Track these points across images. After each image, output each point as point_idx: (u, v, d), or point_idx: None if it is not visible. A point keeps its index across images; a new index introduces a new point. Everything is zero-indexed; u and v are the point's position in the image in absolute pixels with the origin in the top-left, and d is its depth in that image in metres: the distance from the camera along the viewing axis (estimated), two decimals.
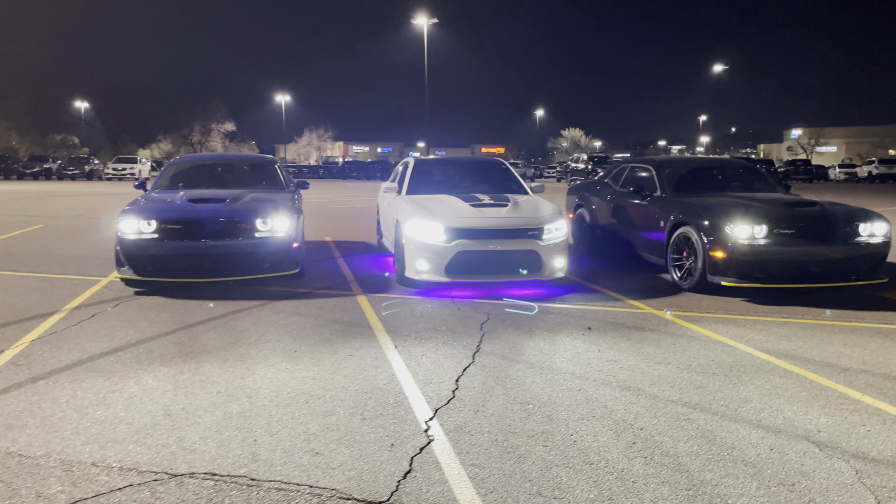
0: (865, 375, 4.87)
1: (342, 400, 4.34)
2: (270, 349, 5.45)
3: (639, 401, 4.36)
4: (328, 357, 5.24)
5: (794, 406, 4.28)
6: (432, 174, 9.44)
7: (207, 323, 6.27)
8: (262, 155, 10.43)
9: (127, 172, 43.45)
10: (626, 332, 6.03)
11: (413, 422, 4.00)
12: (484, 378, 4.77)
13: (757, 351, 5.45)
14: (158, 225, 7.49)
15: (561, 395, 4.45)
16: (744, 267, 7.14)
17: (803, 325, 6.27)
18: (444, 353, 5.35)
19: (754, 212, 7.27)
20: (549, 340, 5.75)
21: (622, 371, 4.95)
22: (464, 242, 7.35)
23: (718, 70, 73.11)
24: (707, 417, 4.08)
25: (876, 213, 7.56)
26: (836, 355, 5.35)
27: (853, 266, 7.40)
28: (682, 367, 5.03)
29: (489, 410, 4.18)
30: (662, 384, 4.67)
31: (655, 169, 9.12)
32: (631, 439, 3.76)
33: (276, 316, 6.54)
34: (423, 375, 4.82)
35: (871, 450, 3.63)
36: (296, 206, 8.30)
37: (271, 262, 7.74)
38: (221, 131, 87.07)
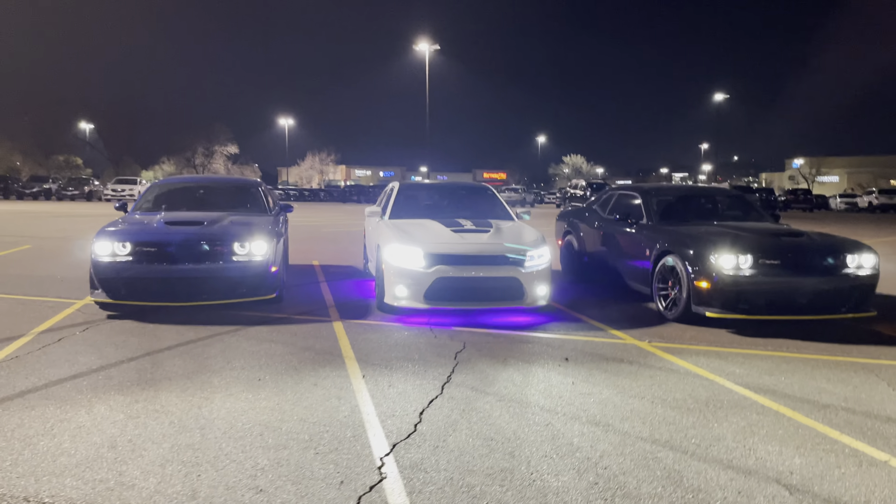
0: (846, 413, 4.70)
1: (298, 433, 4.17)
2: (234, 377, 5.28)
3: (607, 437, 4.18)
4: (292, 387, 5.07)
5: (768, 445, 4.10)
6: (417, 199, 9.32)
7: (175, 349, 6.10)
8: (245, 178, 10.34)
9: (126, 194, 43.45)
10: (603, 363, 5.86)
11: (368, 458, 3.83)
12: (450, 411, 4.60)
13: (736, 385, 5.27)
14: (133, 247, 7.35)
15: (527, 430, 4.28)
16: (728, 297, 6.98)
17: (787, 359, 6.10)
18: (413, 384, 5.18)
19: (740, 241, 7.13)
20: (523, 371, 5.58)
21: (594, 405, 4.77)
22: (443, 268, 7.20)
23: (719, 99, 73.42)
24: (676, 456, 3.90)
25: (864, 245, 7.42)
26: (817, 391, 5.18)
27: (841, 298, 7.23)
28: (656, 402, 4.85)
29: (450, 446, 4.01)
30: (634, 420, 4.49)
31: (642, 196, 8.99)
32: (593, 479, 3.58)
33: (247, 342, 6.38)
34: (386, 407, 4.65)
35: (844, 494, 3.45)
36: (276, 229, 8.16)
37: (248, 286, 7.59)
38: (224, 154, 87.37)
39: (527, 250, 7.42)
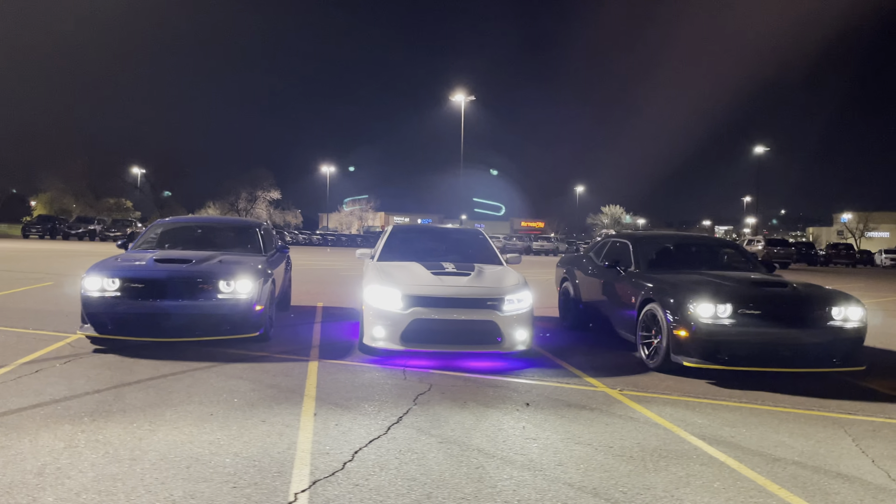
0: (795, 468, 4.54)
1: (226, 467, 4.20)
2: (187, 412, 5.34)
3: (534, 482, 4.11)
4: (239, 422, 5.11)
5: (697, 496, 3.98)
6: (408, 241, 9.41)
7: (144, 382, 6.21)
8: (246, 219, 10.56)
9: None
10: (565, 409, 5.78)
11: (283, 493, 3.83)
12: (386, 451, 4.58)
13: (691, 436, 5.15)
14: (121, 283, 7.55)
15: (456, 472, 4.23)
16: (707, 347, 6.84)
17: (757, 412, 5.93)
18: (361, 424, 5.17)
19: (719, 290, 7.01)
20: (477, 415, 5.53)
21: (536, 450, 4.71)
22: (420, 310, 7.22)
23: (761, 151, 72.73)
24: (596, 503, 3.82)
25: (850, 297, 7.23)
26: (775, 444, 5.02)
27: (827, 351, 7.03)
28: (601, 449, 4.76)
29: (371, 485, 3.99)
30: (569, 465, 4.42)
31: (632, 244, 8.94)
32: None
33: (217, 378, 6.45)
34: (324, 445, 4.65)
35: None
36: (265, 269, 8.30)
37: (232, 323, 7.71)
38: (267, 199, 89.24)
39: (505, 294, 7.40)
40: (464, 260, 8.72)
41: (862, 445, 5.07)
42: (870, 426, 5.60)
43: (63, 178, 79.32)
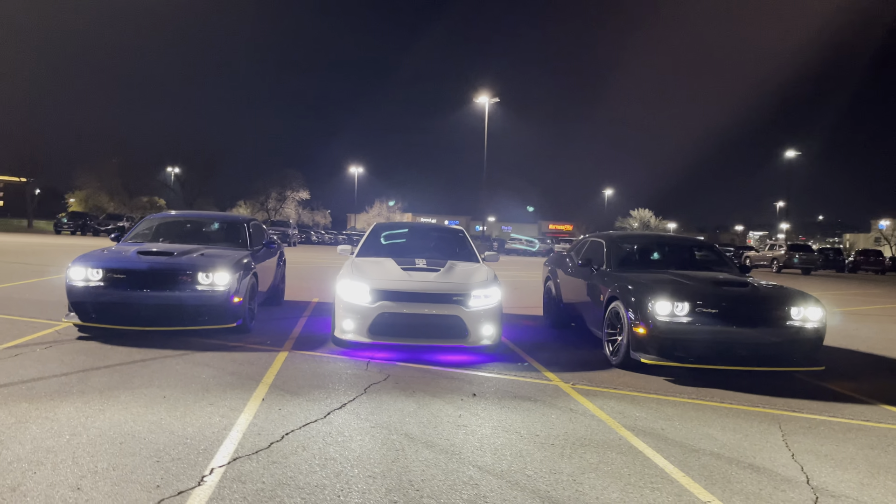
0: (710, 458, 4.66)
1: (158, 444, 4.44)
2: (143, 394, 5.61)
3: (446, 464, 4.29)
4: (188, 405, 5.36)
5: (599, 481, 4.14)
6: (389, 239, 9.63)
7: (113, 367, 6.50)
8: (235, 215, 10.86)
9: None
10: (509, 401, 5.94)
11: (201, 468, 4.06)
12: (315, 434, 4.80)
13: (622, 427, 5.28)
14: (104, 274, 7.87)
15: (374, 453, 4.43)
16: (663, 344, 6.95)
17: (702, 407, 6.03)
18: (304, 409, 5.39)
19: (678, 289, 7.11)
20: (421, 403, 5.72)
21: (462, 436, 4.88)
22: (387, 304, 7.43)
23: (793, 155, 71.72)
24: (497, 484, 3.99)
25: (810, 297, 7.27)
26: (702, 437, 5.14)
27: (785, 351, 7.09)
28: (526, 437, 4.92)
29: (287, 462, 4.21)
30: (487, 450, 4.59)
31: (606, 243, 9.06)
32: (396, 497, 3.71)
33: (184, 365, 6.73)
34: (260, 427, 4.88)
35: None
36: (246, 263, 8.57)
37: (209, 314, 7.99)
38: (296, 199, 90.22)
39: (471, 290, 7.57)
40: (442, 257, 8.90)
41: (789, 440, 5.15)
42: (807, 423, 5.67)
43: (98, 177, 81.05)
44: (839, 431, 5.46)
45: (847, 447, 5.06)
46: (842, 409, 6.18)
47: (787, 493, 4.08)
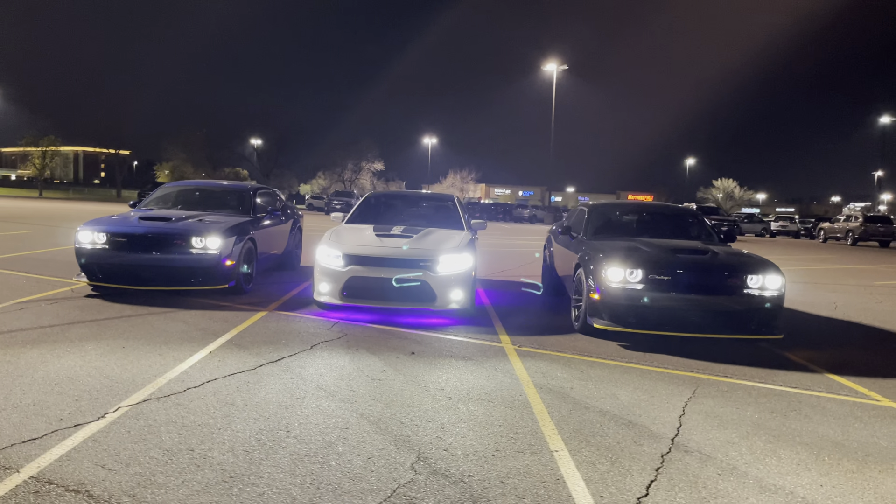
0: (594, 415, 4.86)
1: (87, 385, 4.99)
2: (106, 345, 6.21)
3: (331, 409, 4.66)
4: (139, 354, 5.92)
5: (466, 430, 4.42)
6: (379, 207, 10.01)
7: (98, 322, 7.16)
8: (243, 183, 11.44)
9: None
10: (442, 360, 6.24)
11: (110, 405, 4.57)
12: (233, 381, 5.25)
13: (531, 385, 5.52)
14: (108, 237, 8.59)
15: (273, 400, 4.83)
16: (616, 310, 7.09)
17: (633, 370, 6.18)
18: (241, 361, 5.86)
19: (631, 256, 7.20)
20: (355, 359, 6.09)
21: (365, 387, 5.23)
22: (357, 268, 7.83)
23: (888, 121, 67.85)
24: (367, 428, 4.33)
25: (769, 265, 7.22)
26: (604, 396, 5.32)
27: (742, 319, 7.10)
28: (428, 390, 5.23)
29: (189, 405, 4.66)
30: (380, 400, 4.92)
31: (588, 211, 9.16)
32: (264, 425, 4.11)
33: (162, 321, 7.32)
34: (188, 374, 5.37)
35: (473, 470, 3.77)
36: (241, 229, 9.13)
37: (202, 276, 8.61)
38: (371, 170, 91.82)
39: (439, 255, 7.86)
40: (428, 224, 9.21)
41: (693, 402, 5.27)
42: (727, 387, 5.75)
43: (184, 149, 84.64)
44: (755, 396, 5.52)
45: (747, 410, 5.14)
46: (778, 376, 6.19)
47: (642, 447, 4.25)
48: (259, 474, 3.59)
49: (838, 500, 3.62)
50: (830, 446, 4.45)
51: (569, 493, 3.55)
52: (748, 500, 3.56)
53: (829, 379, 6.21)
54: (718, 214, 37.99)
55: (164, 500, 3.26)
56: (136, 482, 3.43)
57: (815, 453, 4.31)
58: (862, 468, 4.09)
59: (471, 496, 3.46)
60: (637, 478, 3.78)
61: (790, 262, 21.10)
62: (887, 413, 5.24)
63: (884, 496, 3.69)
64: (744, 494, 3.63)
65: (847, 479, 3.90)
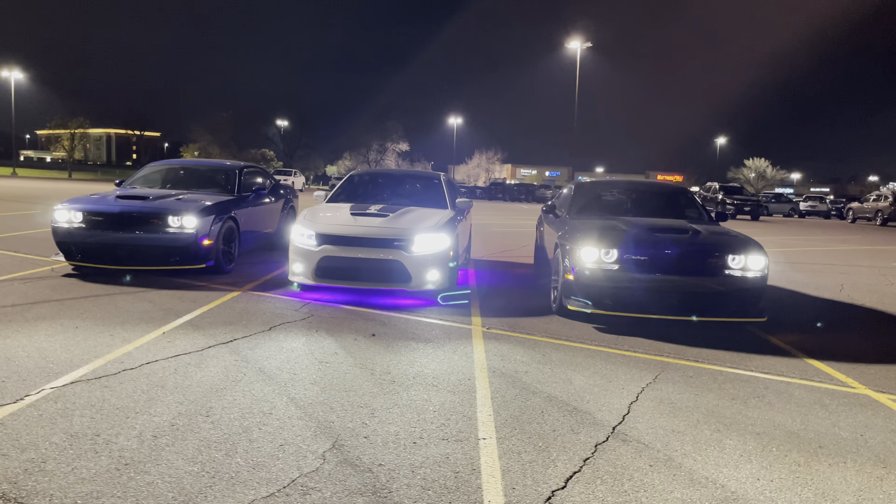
0: (540, 400, 4.64)
1: (22, 366, 4.88)
2: (60, 324, 6.11)
3: (265, 393, 4.49)
4: (88, 335, 5.81)
5: (397, 417, 4.22)
6: (362, 186, 9.79)
7: (64, 301, 7.08)
8: (226, 161, 11.29)
9: None
10: (401, 342, 6.05)
11: (34, 387, 4.44)
12: (174, 363, 5.11)
13: (484, 369, 5.30)
14: (84, 216, 8.50)
15: (202, 383, 4.67)
16: (590, 292, 6.82)
17: (598, 354, 5.92)
18: (191, 342, 5.72)
19: (607, 235, 6.91)
20: (311, 340, 5.93)
21: (307, 370, 5.06)
22: (329, 248, 7.64)
23: None
24: (293, 412, 4.16)
25: (753, 245, 6.88)
26: (557, 381, 5.09)
27: (722, 301, 6.80)
28: (374, 374, 5.05)
29: (117, 387, 4.52)
30: (319, 384, 4.75)
31: (574, 190, 8.86)
32: (185, 397, 3.96)
33: (129, 301, 7.22)
34: (130, 356, 5.24)
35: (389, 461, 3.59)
36: (220, 208, 8.99)
37: (179, 255, 8.50)
38: (396, 151, 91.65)
39: (413, 235, 7.64)
40: (411, 203, 8.99)
41: (649, 388, 5.01)
42: (692, 372, 5.48)
43: (210, 131, 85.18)
44: (720, 382, 5.25)
45: (707, 397, 4.88)
46: (752, 361, 5.89)
47: (578, 436, 4.02)
48: (157, 461, 3.42)
49: (771, 495, 3.36)
50: (783, 436, 4.17)
51: (479, 485, 3.33)
52: (672, 495, 3.32)
53: (808, 364, 5.90)
54: (742, 194, 37.11)
55: (45, 489, 3.10)
56: (24, 469, 3.28)
57: (764, 444, 4.03)
58: (810, 461, 3.81)
59: (373, 487, 3.26)
60: (560, 469, 3.56)
61: (808, 243, 20.55)
62: (858, 401, 4.93)
63: (824, 493, 3.41)
64: (669, 488, 3.38)
65: (790, 473, 3.63)
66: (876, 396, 5.05)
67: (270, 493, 3.17)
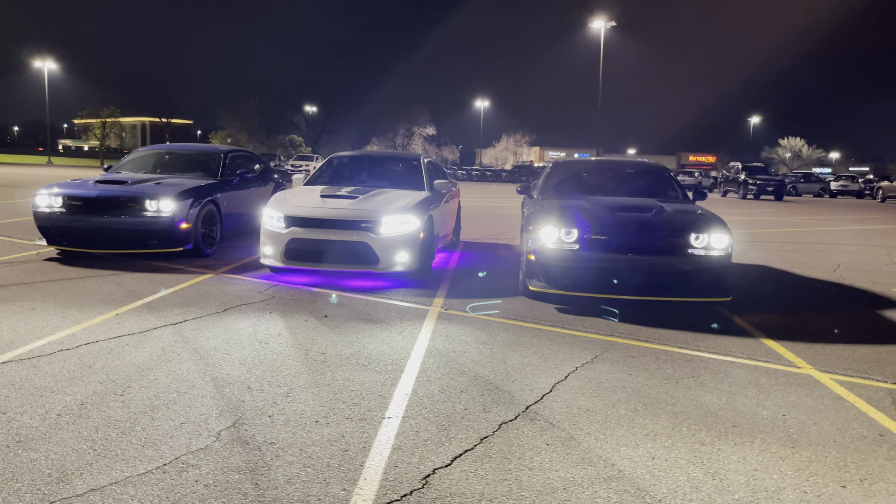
0: (464, 379, 4.60)
1: None
2: (18, 307, 6.23)
3: (190, 374, 4.52)
4: (40, 318, 5.90)
5: (310, 397, 4.23)
6: (341, 168, 9.79)
7: (32, 284, 7.22)
8: (215, 146, 11.35)
9: (302, 169, 47.55)
10: (350, 323, 6.05)
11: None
12: (112, 345, 5.16)
13: (422, 351, 5.28)
14: (63, 201, 8.64)
15: (132, 363, 4.73)
16: (550, 272, 6.75)
17: (545, 333, 5.87)
18: (140, 323, 5.79)
19: (566, 215, 6.82)
20: (260, 321, 5.96)
21: (239, 351, 5.08)
22: (297, 230, 7.67)
23: None
24: (207, 390, 4.19)
25: (717, 223, 6.73)
26: (494, 360, 5.04)
27: (684, 281, 6.67)
28: (309, 355, 5.06)
29: (46, 367, 4.59)
30: (249, 365, 4.77)
31: (550, 169, 8.76)
32: (81, 402, 4.01)
33: (98, 284, 7.33)
34: (73, 337, 5.32)
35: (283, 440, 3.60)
36: (200, 191, 9.06)
37: (157, 238, 8.60)
38: (423, 135, 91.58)
39: (381, 217, 7.62)
40: (388, 185, 8.98)
41: (585, 367, 4.94)
42: (636, 352, 5.39)
43: (238, 117, 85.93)
44: (662, 362, 5.16)
45: (640, 376, 4.80)
46: (705, 341, 5.78)
47: (488, 414, 3.99)
48: (50, 440, 3.47)
49: (658, 474, 3.30)
50: (700, 416, 4.09)
51: (363, 463, 3.32)
52: (556, 473, 3.27)
53: (762, 344, 5.77)
54: (766, 174, 36.38)
55: None
56: None
57: (676, 423, 3.96)
58: (717, 440, 3.73)
59: (253, 465, 3.27)
60: (453, 447, 3.53)
61: (824, 223, 20.09)
62: (797, 381, 4.81)
63: (715, 472, 3.34)
64: (556, 467, 3.34)
65: (689, 452, 3.56)
66: (819, 377, 4.92)
67: (148, 469, 3.19)
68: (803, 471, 3.39)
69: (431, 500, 3.00)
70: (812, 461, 3.51)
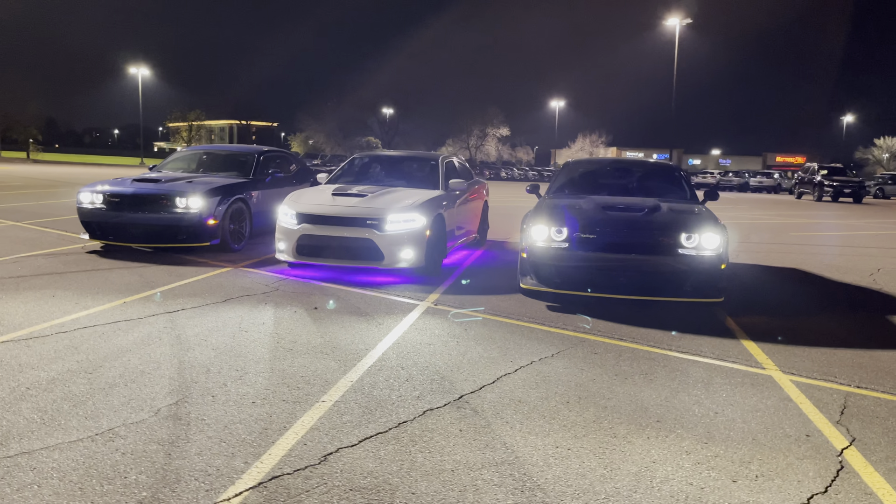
0: (413, 370, 4.78)
1: None
2: (41, 294, 6.76)
3: (167, 358, 4.87)
4: (55, 303, 6.40)
5: (255, 378, 4.50)
6: (361, 168, 10.10)
7: (64, 274, 7.79)
8: (248, 146, 11.85)
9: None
10: (336, 316, 6.31)
11: None
12: (107, 330, 5.58)
13: (388, 343, 5.49)
14: (104, 198, 9.28)
15: (118, 347, 5.11)
16: (541, 271, 6.85)
17: (520, 329, 5.97)
18: (141, 311, 6.21)
19: (559, 214, 6.90)
20: (253, 312, 6.29)
21: (218, 338, 5.40)
22: (307, 227, 8.02)
23: None
24: (174, 373, 4.52)
25: (709, 224, 6.66)
26: (452, 354, 5.20)
27: (675, 281, 6.64)
28: (276, 343, 5.33)
29: (38, 348, 5.02)
30: (218, 351, 5.08)
31: (562, 169, 8.82)
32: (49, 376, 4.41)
33: (123, 275, 7.86)
34: (75, 321, 5.76)
35: (212, 417, 3.89)
36: (228, 190, 9.54)
37: (186, 233, 9.14)
38: (496, 136, 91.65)
39: (387, 215, 7.87)
40: (405, 184, 9.23)
41: (541, 362, 5.03)
42: (602, 349, 5.44)
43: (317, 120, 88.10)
44: (623, 359, 5.20)
45: (590, 372, 4.86)
46: (680, 341, 5.76)
47: (417, 403, 4.14)
48: (10, 409, 3.85)
49: (552, 462, 3.40)
50: (630, 411, 4.14)
51: (274, 441, 3.55)
52: (453, 456, 3.42)
53: (739, 345, 5.71)
54: (844, 175, 34.80)
55: None
56: None
57: (601, 417, 4.03)
58: (632, 434, 3.79)
59: (173, 438, 3.54)
60: (367, 430, 3.72)
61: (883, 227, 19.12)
62: (752, 381, 4.78)
63: (610, 462, 3.42)
64: (454, 451, 3.48)
65: (596, 444, 3.64)
66: (779, 378, 4.87)
67: (80, 438, 3.51)
68: (702, 465, 3.42)
69: (321, 475, 3.20)
70: (717, 457, 3.53)
